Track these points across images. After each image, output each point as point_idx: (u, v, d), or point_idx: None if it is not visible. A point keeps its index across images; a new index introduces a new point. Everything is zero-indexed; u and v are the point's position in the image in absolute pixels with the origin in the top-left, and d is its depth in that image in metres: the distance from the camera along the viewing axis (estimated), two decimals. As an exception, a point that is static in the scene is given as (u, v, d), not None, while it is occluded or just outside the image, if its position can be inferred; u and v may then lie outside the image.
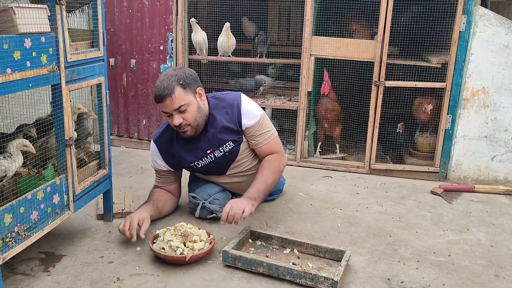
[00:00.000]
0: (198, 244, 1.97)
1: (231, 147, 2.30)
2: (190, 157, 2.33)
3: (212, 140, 2.29)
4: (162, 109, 2.19)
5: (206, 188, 2.39)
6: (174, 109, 2.14)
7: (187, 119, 2.18)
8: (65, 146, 1.86)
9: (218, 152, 2.31)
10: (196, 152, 2.32)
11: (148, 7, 3.40)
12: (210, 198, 2.35)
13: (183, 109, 2.15)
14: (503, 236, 2.36)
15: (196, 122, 2.21)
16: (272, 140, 2.36)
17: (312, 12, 3.12)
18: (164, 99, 2.12)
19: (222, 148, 2.30)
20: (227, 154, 2.32)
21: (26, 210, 1.68)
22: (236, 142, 2.31)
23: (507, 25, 2.87)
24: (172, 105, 2.13)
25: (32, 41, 1.62)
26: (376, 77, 3.08)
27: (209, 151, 2.31)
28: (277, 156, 2.35)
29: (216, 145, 2.29)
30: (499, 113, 2.97)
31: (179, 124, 2.17)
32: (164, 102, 2.14)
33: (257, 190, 2.20)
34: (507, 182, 3.03)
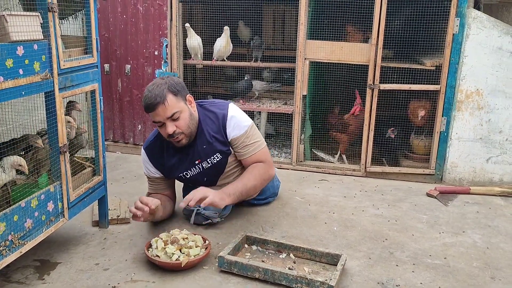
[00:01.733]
0: (194, 250, 1.97)
1: (218, 159, 2.30)
2: (179, 168, 2.33)
3: (200, 151, 2.28)
4: (154, 118, 2.14)
5: None
6: (167, 117, 2.11)
7: (181, 127, 2.15)
8: (59, 153, 1.86)
9: (206, 163, 2.31)
10: (184, 162, 2.31)
11: (142, 12, 3.40)
12: None
13: (176, 116, 2.13)
14: (499, 238, 2.36)
15: (189, 129, 2.20)
16: (259, 151, 2.34)
17: (306, 16, 3.13)
18: (156, 107, 2.08)
19: (210, 159, 2.30)
20: (215, 166, 2.31)
21: (20, 218, 1.67)
22: (224, 154, 2.30)
23: (500, 28, 2.88)
24: (165, 113, 2.10)
25: (24, 49, 1.61)
26: (371, 80, 3.09)
27: (197, 162, 2.30)
28: (263, 164, 2.34)
29: (204, 156, 2.29)
30: (494, 115, 2.98)
31: (172, 132, 2.13)
32: (156, 111, 2.10)
33: (234, 188, 2.21)
34: (503, 184, 3.04)
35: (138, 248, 2.13)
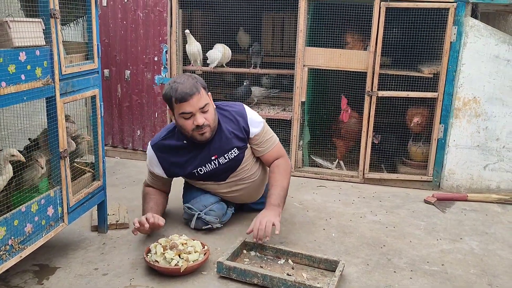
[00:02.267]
0: (193, 255, 1.98)
1: (236, 154, 2.33)
2: (193, 163, 2.33)
3: (218, 147, 2.31)
4: (185, 109, 2.15)
5: (202, 199, 2.39)
6: (200, 108, 2.16)
7: (208, 120, 2.21)
8: (59, 158, 1.87)
9: (223, 159, 2.33)
10: (200, 158, 2.32)
11: (142, 18, 3.42)
12: (205, 209, 2.35)
13: (206, 109, 2.19)
14: (496, 245, 2.37)
15: (214, 123, 2.26)
16: (276, 145, 2.44)
17: (305, 23, 3.16)
18: (192, 97, 2.13)
19: (227, 155, 2.32)
20: (231, 161, 2.34)
21: (20, 223, 1.67)
22: (241, 150, 2.34)
23: (497, 36, 2.91)
24: (199, 103, 2.15)
25: (26, 55, 1.63)
26: (369, 87, 3.11)
27: (213, 158, 2.32)
28: (283, 159, 2.42)
29: (221, 152, 2.32)
30: (491, 123, 3.01)
31: (202, 123, 2.17)
32: (190, 101, 2.13)
33: (278, 196, 2.25)
34: (500, 191, 3.06)
35: (137, 253, 2.14)
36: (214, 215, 2.34)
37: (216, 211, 2.36)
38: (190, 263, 1.94)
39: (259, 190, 2.54)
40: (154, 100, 3.54)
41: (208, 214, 2.34)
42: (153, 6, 3.38)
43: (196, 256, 1.99)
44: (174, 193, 2.70)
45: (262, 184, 2.55)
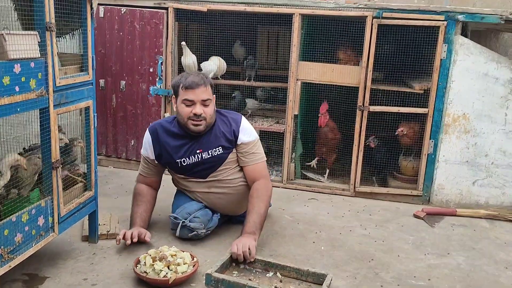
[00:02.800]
0: (182, 267, 1.99)
1: (219, 153, 2.43)
2: (179, 153, 2.43)
3: (205, 143, 2.43)
4: (189, 96, 2.33)
5: (186, 208, 2.42)
6: (202, 99, 2.34)
7: (207, 114, 2.36)
8: (51, 169, 1.89)
9: (206, 154, 2.42)
10: (186, 149, 2.42)
11: (139, 30, 3.46)
12: (190, 217, 2.38)
13: (208, 103, 2.37)
14: (483, 260, 2.40)
15: (211, 120, 2.41)
16: (261, 162, 2.50)
17: (299, 38, 3.21)
18: (198, 86, 2.33)
19: (211, 151, 2.43)
20: (213, 159, 2.43)
21: (10, 233, 1.69)
22: (226, 150, 2.44)
23: (486, 54, 2.97)
24: (202, 95, 2.34)
25: (21, 67, 1.66)
26: (361, 102, 3.16)
27: (198, 151, 2.42)
28: (263, 182, 2.45)
29: (207, 147, 2.42)
30: (480, 139, 3.05)
31: (200, 113, 2.33)
32: (196, 90, 2.32)
33: (253, 224, 2.28)
34: (488, 206, 3.09)
35: (127, 263, 2.15)
36: (199, 222, 2.37)
37: (200, 217, 2.39)
38: (179, 275, 1.96)
39: (241, 202, 2.55)
40: (149, 111, 3.57)
41: (193, 221, 2.37)
42: (150, 18, 3.42)
43: (185, 268, 2.00)
44: (166, 205, 2.72)
45: (244, 198, 2.54)
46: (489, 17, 2.94)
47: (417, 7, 3.06)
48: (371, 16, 3.04)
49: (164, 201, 2.76)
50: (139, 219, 2.42)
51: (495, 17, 2.93)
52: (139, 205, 2.48)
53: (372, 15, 3.04)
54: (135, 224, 2.41)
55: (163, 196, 2.77)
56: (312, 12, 3.16)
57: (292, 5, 3.19)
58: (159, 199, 2.65)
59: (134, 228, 2.35)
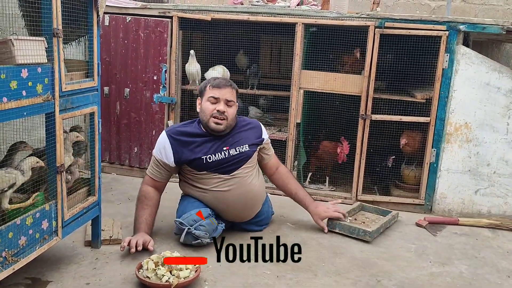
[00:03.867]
0: (184, 272, 2.00)
1: (246, 150, 2.55)
2: (204, 150, 2.48)
3: (232, 140, 2.54)
4: (215, 93, 2.46)
5: (193, 215, 2.42)
6: (227, 99, 2.46)
7: (229, 113, 2.47)
8: (56, 173, 1.91)
9: (234, 151, 2.51)
10: (213, 147, 2.50)
11: (143, 38, 3.50)
12: (195, 224, 2.38)
13: (231, 104, 2.49)
14: (485, 269, 2.40)
15: (232, 122, 2.52)
16: (275, 154, 2.85)
17: (302, 47, 3.24)
18: (225, 86, 2.48)
19: (239, 148, 2.53)
20: (240, 155, 2.52)
21: (14, 235, 1.70)
22: (252, 147, 2.58)
23: (487, 64, 2.99)
24: (228, 95, 2.47)
25: (28, 72, 1.69)
26: (363, 110, 3.17)
27: (225, 148, 2.51)
28: (286, 168, 2.92)
29: (234, 145, 2.53)
30: (482, 148, 3.06)
31: (223, 111, 2.44)
32: (223, 89, 2.47)
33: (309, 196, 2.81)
34: (491, 216, 3.09)
35: (129, 269, 2.16)
36: (204, 230, 2.38)
37: (206, 226, 2.40)
38: (181, 280, 1.96)
39: (252, 206, 2.58)
40: (152, 118, 3.60)
41: (198, 229, 2.37)
42: (154, 27, 3.46)
43: (187, 273, 2.01)
44: (169, 212, 2.73)
45: (259, 201, 2.63)
46: (490, 27, 2.96)
47: (419, 17, 3.09)
48: (373, 26, 3.07)
49: (167, 208, 2.77)
50: (144, 225, 2.43)
51: (497, 27, 2.95)
52: (145, 208, 2.49)
53: (374, 25, 3.07)
54: (140, 229, 2.41)
55: (166, 203, 2.79)
56: (314, 22, 3.19)
57: (295, 15, 3.23)
58: (163, 206, 2.66)
59: (139, 235, 2.35)
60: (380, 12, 3.49)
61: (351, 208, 2.99)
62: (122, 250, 2.28)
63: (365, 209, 3.10)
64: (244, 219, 2.62)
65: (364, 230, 2.64)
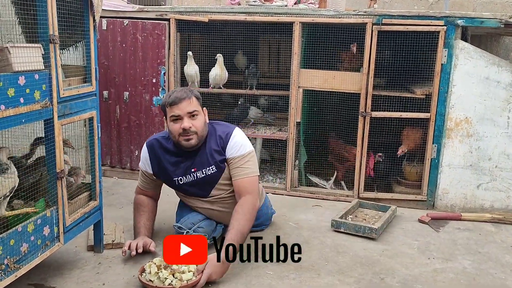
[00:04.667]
0: (187, 275, 2.00)
1: (213, 171, 2.39)
2: (176, 172, 2.42)
3: (199, 161, 2.40)
4: (174, 112, 2.30)
5: (190, 218, 2.44)
6: (188, 112, 2.30)
7: (196, 126, 2.32)
8: (56, 179, 1.91)
9: (201, 173, 2.41)
10: (183, 168, 2.41)
11: (141, 41, 3.50)
12: (194, 227, 2.39)
13: (195, 114, 2.33)
14: (489, 264, 2.39)
15: (202, 133, 2.36)
16: (249, 177, 2.37)
17: (300, 46, 3.24)
18: (182, 101, 2.29)
19: (205, 170, 2.40)
20: (208, 177, 2.40)
21: (16, 242, 1.71)
22: (219, 168, 2.39)
23: (486, 58, 2.98)
24: (187, 108, 2.30)
25: (26, 79, 1.69)
26: (363, 108, 3.17)
27: (193, 170, 2.41)
28: (250, 198, 2.31)
29: (200, 166, 2.40)
30: (483, 143, 3.05)
31: (188, 128, 2.29)
32: (180, 104, 2.29)
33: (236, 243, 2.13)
34: (493, 210, 3.08)
35: (132, 272, 2.16)
36: (202, 232, 2.38)
37: (204, 227, 2.41)
38: (184, 283, 1.96)
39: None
40: (152, 121, 3.60)
41: (197, 232, 2.38)
42: (152, 30, 3.46)
43: (190, 276, 2.01)
44: (170, 214, 2.73)
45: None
46: (488, 21, 2.95)
47: (416, 12, 3.08)
48: (371, 22, 3.06)
49: (168, 211, 2.78)
50: (143, 229, 2.44)
51: (495, 21, 2.94)
52: (142, 214, 2.49)
53: (372, 21, 3.06)
54: (139, 233, 2.42)
55: (167, 206, 2.79)
56: (312, 20, 3.19)
57: (292, 14, 3.23)
58: (163, 209, 2.66)
59: (139, 238, 2.36)
60: (378, 9, 3.49)
61: (350, 206, 2.99)
62: (124, 255, 2.29)
63: (363, 206, 3.13)
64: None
65: (370, 227, 2.63)
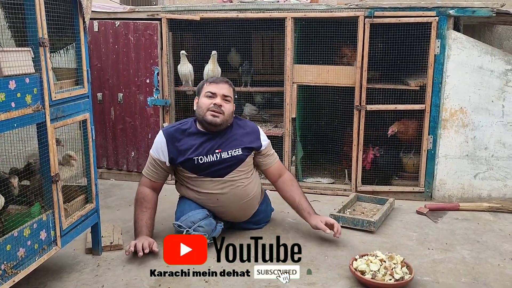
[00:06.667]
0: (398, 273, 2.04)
1: (238, 154, 2.51)
2: (197, 151, 2.47)
3: (225, 142, 2.51)
4: (212, 89, 2.49)
5: (190, 217, 2.43)
6: (223, 94, 2.49)
7: (225, 108, 2.48)
8: (51, 182, 1.90)
9: (225, 154, 2.49)
10: (206, 148, 2.48)
11: (133, 42, 3.49)
12: (194, 226, 2.39)
13: (228, 100, 2.51)
14: (487, 253, 2.40)
15: (228, 117, 2.51)
16: (278, 160, 2.74)
17: (292, 41, 3.23)
18: (223, 83, 2.52)
19: (231, 151, 2.50)
20: (232, 159, 2.49)
21: (12, 248, 1.70)
22: (246, 152, 2.53)
23: (479, 48, 2.98)
24: (224, 90, 2.50)
25: (16, 83, 1.68)
26: (358, 101, 3.17)
27: (217, 151, 2.48)
28: (290, 175, 2.72)
29: (226, 147, 2.50)
30: (478, 132, 3.05)
31: (220, 104, 2.45)
32: (220, 84, 2.51)
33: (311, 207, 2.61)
34: (491, 199, 3.09)
35: (131, 274, 2.16)
36: (202, 231, 2.38)
37: (204, 227, 2.40)
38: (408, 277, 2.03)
39: (249, 207, 2.58)
40: (147, 122, 3.59)
41: (197, 231, 2.38)
42: (144, 30, 3.45)
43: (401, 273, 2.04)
44: (168, 215, 2.73)
45: (255, 203, 2.61)
46: (480, 10, 2.95)
47: (408, 4, 3.08)
48: (363, 16, 3.05)
49: (167, 211, 2.77)
50: (145, 228, 2.44)
51: (486, 10, 2.94)
52: (144, 211, 2.49)
53: (363, 14, 3.05)
54: (141, 233, 2.42)
55: (166, 205, 2.79)
56: (304, 15, 3.18)
57: (283, 9, 3.22)
58: (162, 209, 2.65)
59: (143, 238, 2.36)
60: (369, 2, 3.48)
61: (348, 200, 2.99)
62: (128, 254, 2.29)
63: (361, 199, 3.14)
64: (240, 220, 2.62)
65: (368, 220, 2.63)
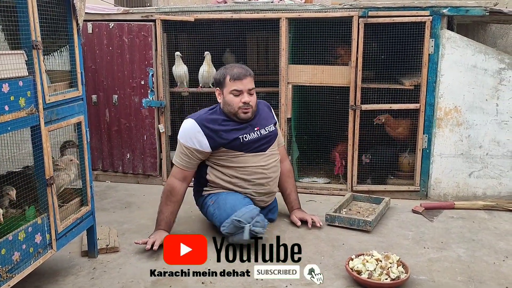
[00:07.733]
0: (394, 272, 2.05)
1: (273, 129, 2.72)
2: (239, 132, 2.59)
3: (259, 121, 2.67)
4: (238, 86, 2.52)
5: (248, 212, 2.40)
6: (248, 89, 2.55)
7: (252, 102, 2.58)
8: (46, 186, 1.89)
9: (264, 131, 2.66)
10: (245, 128, 2.61)
11: (128, 43, 3.48)
12: (253, 221, 2.37)
13: (252, 92, 2.59)
14: (483, 251, 2.41)
15: (255, 107, 2.64)
16: (283, 146, 2.93)
17: (287, 42, 3.23)
18: (246, 77, 2.54)
19: (267, 127, 2.68)
20: (270, 133, 2.69)
21: (7, 252, 1.69)
22: (275, 128, 2.76)
23: (473, 46, 2.99)
24: (248, 85, 2.55)
25: (10, 86, 1.67)
26: (352, 101, 3.17)
27: (256, 129, 2.64)
28: (289, 163, 2.93)
29: (263, 125, 2.67)
30: (473, 131, 3.07)
31: (248, 102, 2.54)
32: (244, 80, 2.53)
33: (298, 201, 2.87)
34: (486, 197, 3.10)
35: (127, 276, 2.15)
36: (260, 226, 2.40)
37: (260, 222, 2.41)
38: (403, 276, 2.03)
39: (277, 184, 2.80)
40: (143, 123, 3.58)
41: (256, 226, 2.38)
42: (138, 31, 3.44)
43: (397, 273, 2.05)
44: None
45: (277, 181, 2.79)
46: (473, 9, 2.96)
47: (402, 4, 3.08)
48: (357, 15, 3.06)
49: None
50: (164, 223, 2.51)
51: (480, 9, 2.95)
52: (168, 205, 2.54)
53: (358, 14, 3.06)
54: (159, 226, 2.51)
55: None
56: (298, 16, 3.18)
57: (278, 10, 3.22)
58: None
59: (158, 235, 2.43)
60: (363, 2, 3.49)
61: (344, 200, 2.99)
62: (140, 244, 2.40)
63: (357, 199, 3.14)
64: (269, 202, 2.76)
65: (364, 220, 2.64)
